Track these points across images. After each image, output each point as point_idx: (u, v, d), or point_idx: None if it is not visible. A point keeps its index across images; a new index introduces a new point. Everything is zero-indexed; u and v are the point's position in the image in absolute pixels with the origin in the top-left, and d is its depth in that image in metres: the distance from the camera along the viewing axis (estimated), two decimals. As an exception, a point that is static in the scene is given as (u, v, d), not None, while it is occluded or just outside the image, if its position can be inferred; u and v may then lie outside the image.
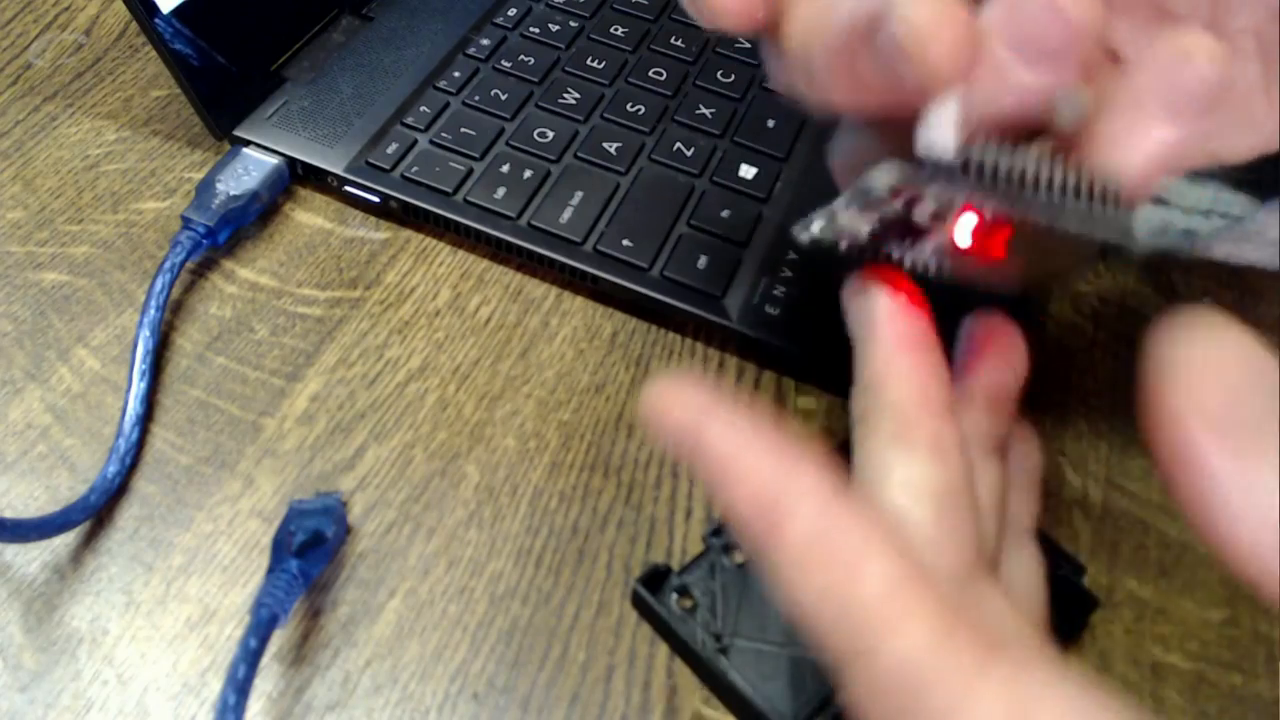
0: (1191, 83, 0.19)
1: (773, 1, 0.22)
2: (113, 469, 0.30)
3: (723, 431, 0.18)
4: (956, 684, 0.16)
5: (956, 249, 0.21)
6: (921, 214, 0.20)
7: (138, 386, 0.31)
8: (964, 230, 0.20)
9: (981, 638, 0.16)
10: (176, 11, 0.37)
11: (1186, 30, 0.19)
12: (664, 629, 0.27)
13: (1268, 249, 0.33)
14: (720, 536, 0.29)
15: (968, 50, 0.18)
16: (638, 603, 0.28)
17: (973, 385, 0.24)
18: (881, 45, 0.19)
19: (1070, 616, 0.28)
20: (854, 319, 0.23)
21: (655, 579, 0.28)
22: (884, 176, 0.20)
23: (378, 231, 0.38)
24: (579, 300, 0.36)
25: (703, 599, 0.27)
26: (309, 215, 0.38)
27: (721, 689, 0.26)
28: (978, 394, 0.24)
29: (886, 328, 0.22)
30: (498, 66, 0.42)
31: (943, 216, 0.20)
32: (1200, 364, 0.16)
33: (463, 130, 0.39)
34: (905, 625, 0.16)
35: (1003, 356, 0.24)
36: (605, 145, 0.39)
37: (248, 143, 0.38)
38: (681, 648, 0.27)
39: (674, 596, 0.28)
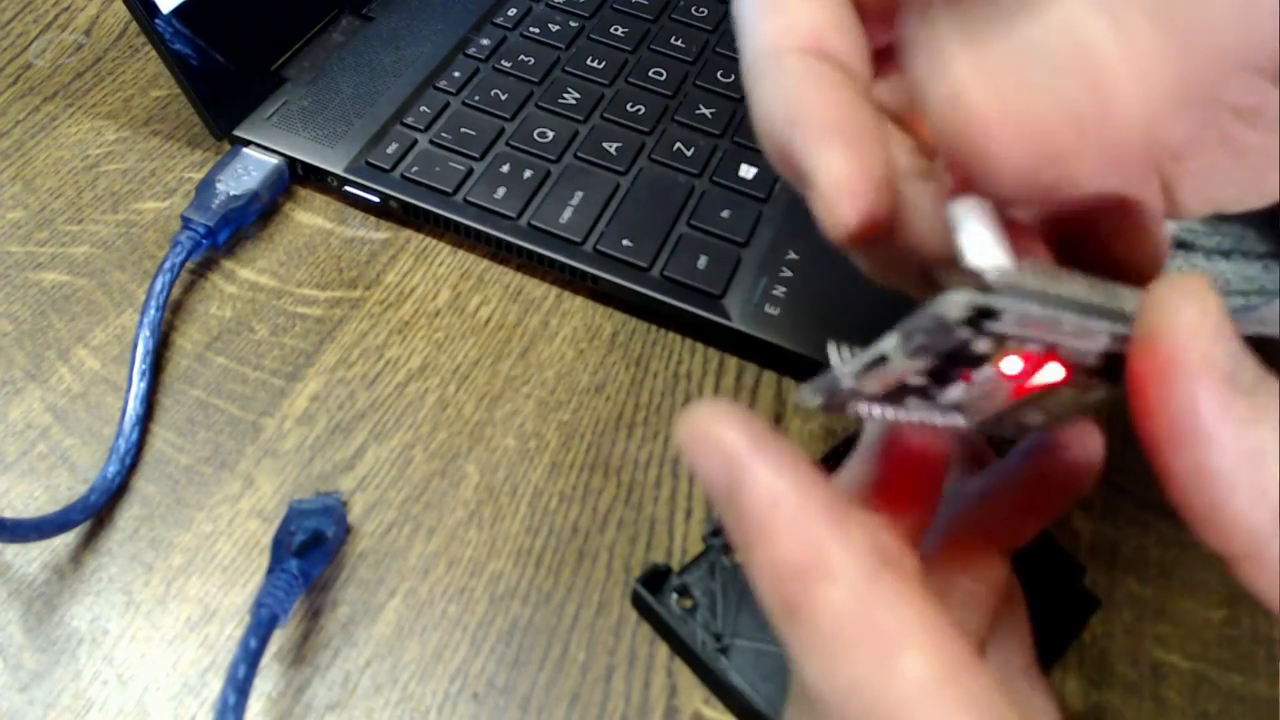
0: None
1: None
2: (113, 469, 0.30)
3: (767, 475, 0.16)
4: None
5: (1006, 387, 0.16)
6: (967, 352, 0.16)
7: (138, 386, 0.31)
8: (1012, 363, 0.16)
9: None
10: (176, 11, 0.37)
11: None
12: (664, 629, 0.27)
13: None
14: (720, 536, 0.29)
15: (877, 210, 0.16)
16: (638, 603, 0.28)
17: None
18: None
19: (1070, 616, 0.28)
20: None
21: (655, 579, 0.28)
22: (961, 303, 0.14)
23: (378, 231, 0.38)
24: (579, 300, 0.36)
25: (703, 599, 0.27)
26: (309, 215, 0.38)
27: (721, 689, 0.26)
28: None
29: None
30: (498, 66, 0.42)
31: (987, 354, 0.16)
32: (1206, 324, 0.15)
33: (463, 130, 0.39)
34: None
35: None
36: (605, 145, 0.39)
37: (248, 143, 0.38)
38: (681, 648, 0.27)
39: (674, 596, 0.28)
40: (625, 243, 0.35)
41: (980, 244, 0.16)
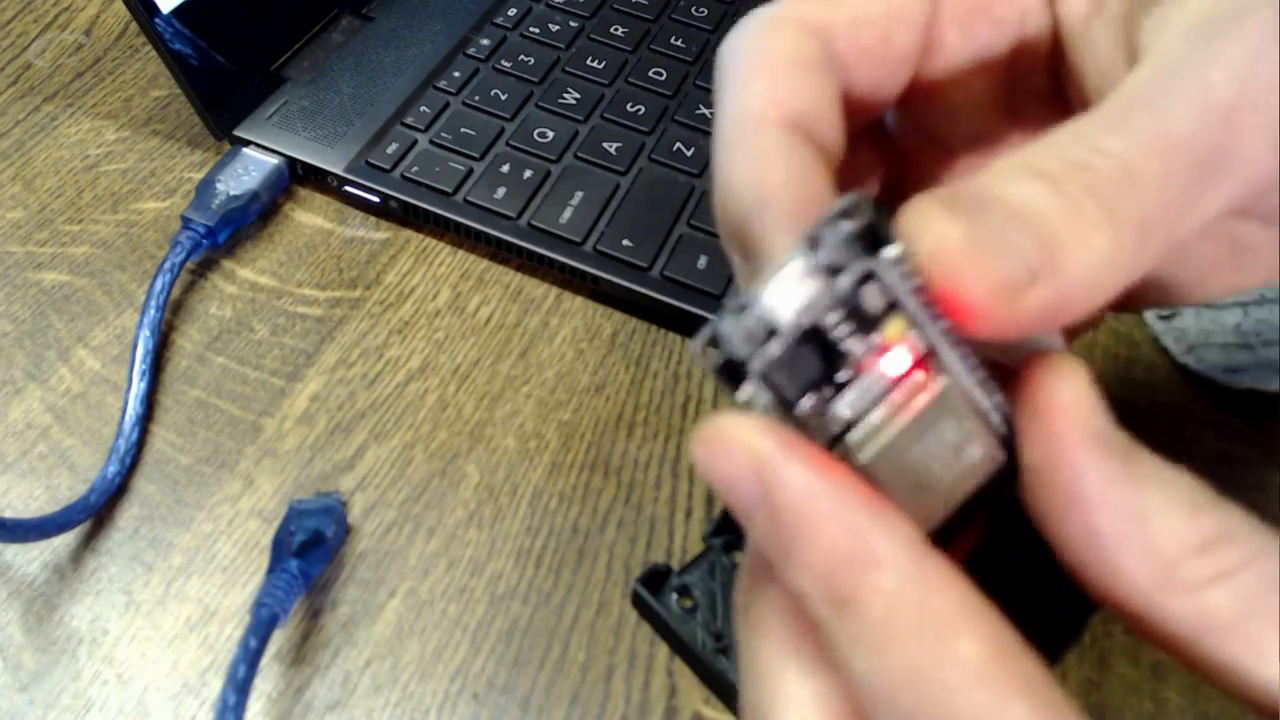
0: None
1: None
2: (113, 469, 0.30)
3: (802, 471, 0.15)
4: None
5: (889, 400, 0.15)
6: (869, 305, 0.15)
7: (138, 386, 0.31)
8: (897, 358, 0.15)
9: None
10: (176, 11, 0.37)
11: None
12: (664, 629, 0.27)
13: None
14: (720, 536, 0.29)
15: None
16: (638, 603, 0.28)
17: None
18: None
19: (1070, 616, 0.28)
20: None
21: (655, 579, 0.28)
22: (863, 206, 0.15)
23: (378, 231, 0.38)
24: (579, 300, 0.36)
25: (703, 599, 0.27)
26: (309, 215, 0.38)
27: (721, 689, 0.26)
28: None
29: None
30: (498, 66, 0.42)
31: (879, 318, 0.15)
32: (1083, 401, 0.16)
33: (463, 130, 0.39)
34: (1004, 716, 0.14)
35: None
36: (605, 145, 0.39)
37: (248, 143, 0.38)
38: (681, 648, 0.27)
39: (674, 596, 0.28)
40: (625, 243, 0.35)
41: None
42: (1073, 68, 0.20)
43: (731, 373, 0.15)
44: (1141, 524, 0.15)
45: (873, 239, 0.15)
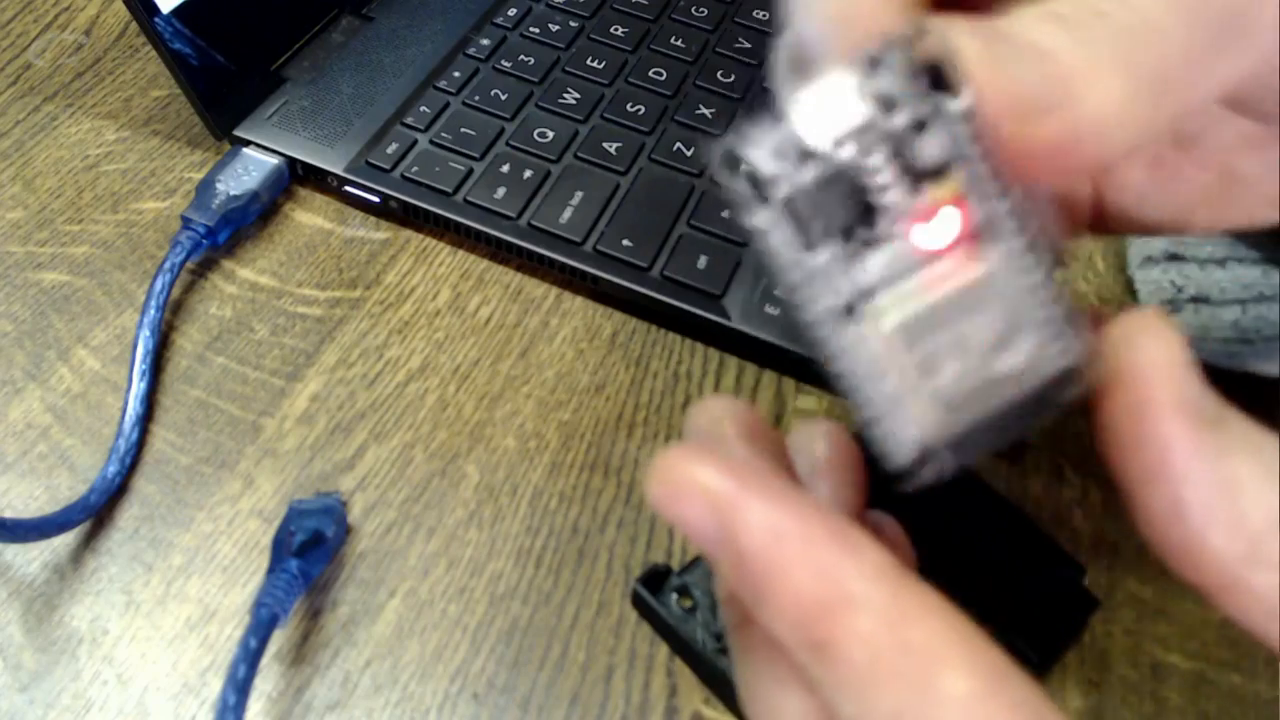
0: None
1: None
2: (113, 469, 0.30)
3: (763, 509, 0.14)
4: None
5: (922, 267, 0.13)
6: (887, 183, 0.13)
7: (138, 386, 0.31)
8: (942, 226, 0.13)
9: None
10: (176, 11, 0.37)
11: None
12: (664, 629, 0.27)
13: None
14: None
15: None
16: (638, 603, 0.28)
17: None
18: None
19: (1070, 616, 0.28)
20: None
21: (655, 579, 0.28)
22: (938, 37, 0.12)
23: (378, 231, 0.38)
24: (579, 300, 0.36)
25: (703, 599, 0.27)
26: (309, 215, 0.38)
27: (722, 689, 0.26)
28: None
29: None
30: (498, 66, 0.42)
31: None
32: (1173, 362, 0.15)
33: (463, 130, 0.39)
34: None
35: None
36: (605, 145, 0.39)
37: (248, 143, 0.38)
38: (681, 648, 0.27)
39: (674, 596, 0.28)
40: (625, 243, 0.35)
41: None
42: None
43: (751, 193, 0.13)
44: (1229, 497, 0.15)
45: (940, 80, 0.13)
